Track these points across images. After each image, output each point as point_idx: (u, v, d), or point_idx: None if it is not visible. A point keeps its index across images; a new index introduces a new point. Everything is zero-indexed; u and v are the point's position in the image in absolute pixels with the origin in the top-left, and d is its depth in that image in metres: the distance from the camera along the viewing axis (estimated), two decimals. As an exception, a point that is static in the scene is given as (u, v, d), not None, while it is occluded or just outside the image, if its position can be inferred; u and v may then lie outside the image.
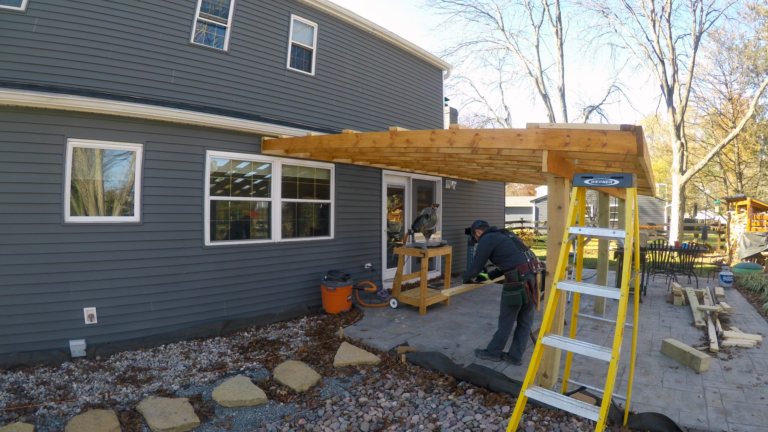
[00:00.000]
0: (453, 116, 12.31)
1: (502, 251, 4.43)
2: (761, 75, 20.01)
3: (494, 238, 4.50)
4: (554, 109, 28.00)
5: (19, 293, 4.28)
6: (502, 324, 4.49)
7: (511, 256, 4.37)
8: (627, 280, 2.59)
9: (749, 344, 4.92)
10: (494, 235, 4.55)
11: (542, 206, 32.04)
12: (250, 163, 6.20)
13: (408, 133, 4.37)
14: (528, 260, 4.37)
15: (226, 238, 5.88)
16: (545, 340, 2.82)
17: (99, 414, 3.19)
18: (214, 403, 3.55)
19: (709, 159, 17.59)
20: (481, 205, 11.88)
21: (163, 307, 5.16)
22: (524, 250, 4.47)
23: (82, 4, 4.93)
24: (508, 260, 4.37)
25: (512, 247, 4.42)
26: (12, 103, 4.20)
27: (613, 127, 2.98)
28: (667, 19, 16.59)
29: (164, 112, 5.10)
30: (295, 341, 5.20)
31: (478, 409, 3.48)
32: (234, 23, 6.31)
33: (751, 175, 26.79)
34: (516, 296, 4.24)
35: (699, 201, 35.78)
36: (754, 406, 3.45)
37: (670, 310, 6.79)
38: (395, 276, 7.04)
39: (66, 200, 4.55)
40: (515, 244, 4.47)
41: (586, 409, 2.55)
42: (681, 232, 16.90)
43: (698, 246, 8.74)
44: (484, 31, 51.72)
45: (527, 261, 4.36)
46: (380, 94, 8.79)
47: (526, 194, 50.36)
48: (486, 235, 4.60)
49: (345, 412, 3.45)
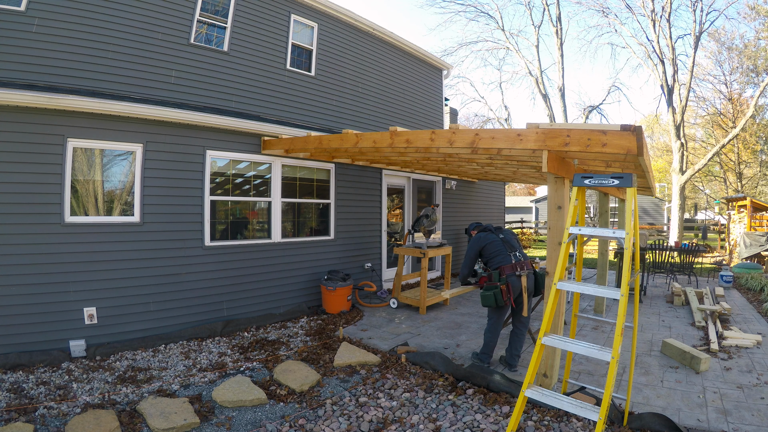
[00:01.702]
0: (453, 116, 12.31)
1: (489, 251, 4.33)
2: (761, 75, 20.03)
3: (482, 239, 4.41)
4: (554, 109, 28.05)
5: (20, 293, 4.28)
6: (487, 328, 4.38)
7: (496, 257, 4.26)
8: (627, 280, 2.59)
9: (749, 344, 4.92)
10: (483, 235, 4.46)
11: (542, 206, 32.03)
12: (250, 163, 6.20)
13: (408, 133, 4.37)
14: (513, 261, 4.20)
15: (226, 238, 5.88)
16: (545, 340, 2.82)
17: (99, 414, 3.19)
18: (214, 403, 3.55)
19: (709, 159, 17.59)
20: (481, 205, 11.88)
21: (163, 307, 5.16)
22: (513, 251, 4.30)
23: (82, 4, 4.93)
24: (493, 261, 4.27)
25: (498, 248, 4.29)
26: (12, 103, 4.20)
27: (613, 127, 2.98)
28: (667, 19, 16.60)
29: (164, 112, 5.10)
30: (295, 341, 5.20)
31: (478, 409, 3.48)
32: (234, 23, 6.31)
33: (751, 175, 26.79)
34: (488, 296, 4.07)
35: (699, 201, 35.79)
36: (754, 406, 3.45)
37: (670, 310, 6.79)
38: (395, 276, 7.04)
39: (66, 200, 4.55)
40: (503, 244, 4.33)
41: (586, 409, 2.55)
42: (681, 232, 16.90)
43: (698, 246, 8.74)
44: (484, 31, 51.71)
45: (512, 262, 4.19)
46: (380, 94, 8.79)
47: (526, 194, 50.38)
48: (476, 235, 4.53)
49: (345, 412, 3.45)
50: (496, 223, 12.64)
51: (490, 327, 4.36)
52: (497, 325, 4.35)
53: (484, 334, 4.43)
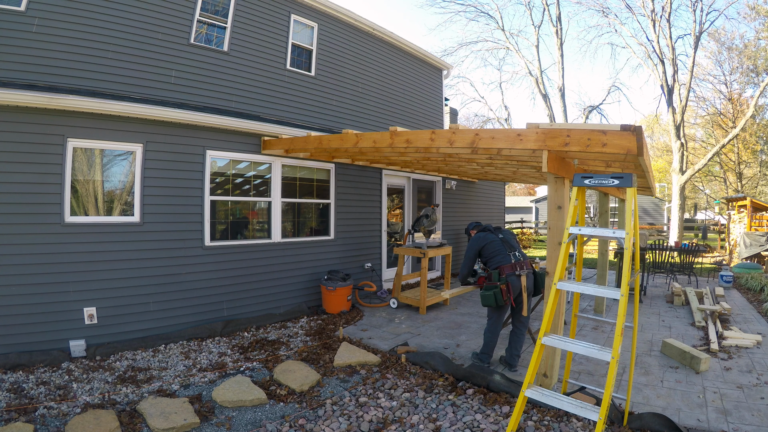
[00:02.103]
0: (453, 116, 12.32)
1: (488, 251, 4.34)
2: (761, 75, 20.03)
3: (481, 239, 4.41)
4: (554, 109, 28.03)
5: (20, 293, 4.28)
6: (487, 328, 4.39)
7: (496, 257, 4.27)
8: (627, 280, 2.59)
9: (749, 344, 4.92)
10: (483, 235, 4.46)
11: (542, 206, 32.03)
12: (250, 163, 6.20)
13: (408, 133, 4.37)
14: (513, 261, 4.22)
15: (226, 238, 5.88)
16: (545, 340, 2.82)
17: (99, 414, 3.19)
18: (214, 403, 3.55)
19: (709, 159, 17.59)
20: (481, 205, 11.88)
21: (163, 307, 5.16)
22: (512, 251, 4.32)
23: (82, 4, 4.93)
24: (492, 261, 4.28)
25: (498, 248, 4.31)
26: (12, 103, 4.20)
27: (613, 127, 2.98)
28: (667, 19, 16.61)
29: (164, 112, 5.10)
30: (295, 341, 5.20)
31: (478, 409, 3.48)
32: (234, 23, 6.31)
33: (751, 175, 26.79)
34: (488, 296, 4.08)
35: (699, 201, 35.79)
36: (754, 406, 3.45)
37: (670, 310, 6.79)
38: (395, 276, 7.04)
39: (66, 200, 4.55)
40: (502, 244, 4.34)
41: (586, 409, 2.55)
42: (681, 232, 16.90)
43: (698, 246, 8.74)
44: (484, 31, 51.76)
45: (511, 262, 4.21)
46: (380, 94, 8.79)
47: (526, 194, 50.36)
48: (475, 235, 4.53)
49: (345, 412, 3.45)
50: (496, 223, 12.64)
51: (489, 327, 4.36)
52: (497, 325, 4.35)
53: (483, 333, 4.43)
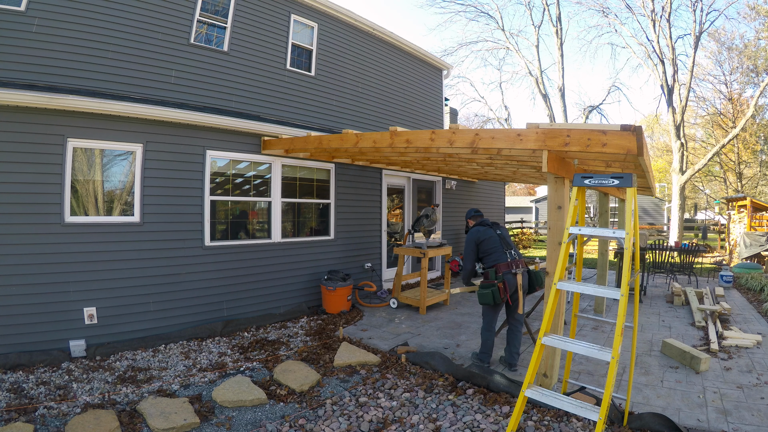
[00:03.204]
0: (453, 116, 12.32)
1: (486, 247, 4.30)
2: (761, 75, 20.01)
3: (480, 232, 4.37)
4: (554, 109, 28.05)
5: (20, 293, 4.28)
6: (483, 327, 4.39)
7: (492, 254, 4.25)
8: (627, 280, 2.59)
9: (749, 344, 4.92)
10: (482, 229, 4.41)
11: (542, 206, 32.04)
12: (250, 163, 6.20)
13: (408, 133, 4.37)
14: (509, 259, 4.21)
15: (226, 238, 5.88)
16: (545, 340, 2.82)
17: (99, 414, 3.19)
18: (214, 403, 3.55)
19: (709, 159, 17.58)
20: (481, 205, 11.87)
21: (163, 307, 5.16)
22: (508, 248, 4.30)
23: (82, 4, 4.93)
24: (489, 258, 4.26)
25: (495, 244, 4.28)
26: (12, 103, 4.20)
27: (613, 127, 2.98)
28: (667, 19, 16.60)
29: (164, 112, 5.10)
30: (295, 341, 5.20)
31: (478, 409, 3.48)
32: (234, 23, 6.31)
33: (751, 175, 26.78)
34: (486, 294, 4.08)
35: (699, 201, 35.79)
36: (754, 406, 3.45)
37: (670, 310, 6.79)
38: (395, 276, 7.04)
39: (66, 200, 4.55)
40: (500, 241, 4.31)
41: (586, 409, 2.55)
42: (681, 232, 16.90)
43: (698, 246, 8.74)
44: (484, 31, 51.72)
45: (507, 260, 4.20)
46: (380, 94, 8.79)
47: (526, 194, 50.38)
48: (473, 228, 4.49)
49: (345, 412, 3.45)
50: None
51: (486, 326, 4.37)
52: (493, 323, 4.36)
53: (481, 333, 4.43)
